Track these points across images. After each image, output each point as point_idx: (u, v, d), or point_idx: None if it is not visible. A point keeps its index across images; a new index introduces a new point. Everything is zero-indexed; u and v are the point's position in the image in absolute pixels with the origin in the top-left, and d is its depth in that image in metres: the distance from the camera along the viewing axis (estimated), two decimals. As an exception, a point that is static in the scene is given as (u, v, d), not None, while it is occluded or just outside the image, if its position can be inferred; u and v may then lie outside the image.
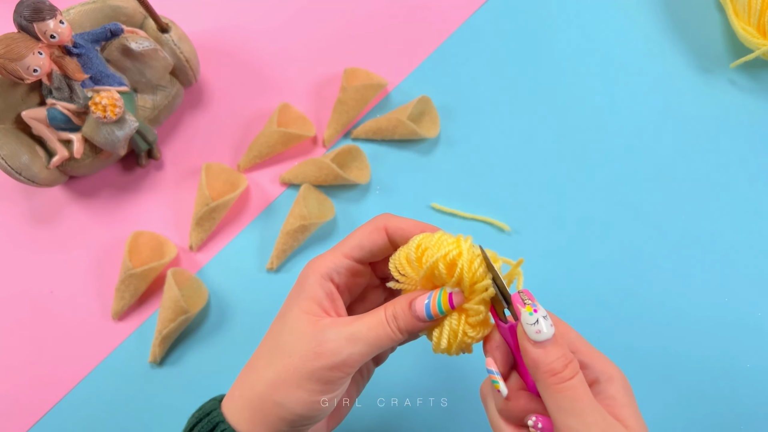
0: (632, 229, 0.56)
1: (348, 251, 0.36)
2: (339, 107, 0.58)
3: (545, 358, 0.31)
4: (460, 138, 0.59)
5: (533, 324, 0.31)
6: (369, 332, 0.33)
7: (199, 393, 0.52)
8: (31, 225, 0.57)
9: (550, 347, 0.31)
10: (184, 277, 0.54)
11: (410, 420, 0.51)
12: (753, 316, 0.53)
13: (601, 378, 0.34)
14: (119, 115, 0.50)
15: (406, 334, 0.34)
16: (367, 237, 0.36)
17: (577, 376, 0.31)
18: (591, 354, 0.34)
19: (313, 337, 0.33)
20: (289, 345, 0.34)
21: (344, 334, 0.33)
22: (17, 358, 0.53)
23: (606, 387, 0.33)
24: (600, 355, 0.35)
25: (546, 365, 0.31)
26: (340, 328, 0.33)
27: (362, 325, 0.33)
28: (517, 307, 0.32)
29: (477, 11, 0.63)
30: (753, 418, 0.51)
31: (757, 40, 0.57)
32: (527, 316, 0.31)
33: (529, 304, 0.32)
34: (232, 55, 0.62)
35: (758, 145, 0.58)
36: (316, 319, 0.34)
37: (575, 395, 0.30)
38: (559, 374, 0.31)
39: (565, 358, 0.31)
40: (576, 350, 0.34)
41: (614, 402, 0.33)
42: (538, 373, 0.31)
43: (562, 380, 0.30)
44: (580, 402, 0.30)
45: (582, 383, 0.31)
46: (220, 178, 0.56)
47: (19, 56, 0.46)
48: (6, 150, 0.50)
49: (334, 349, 0.33)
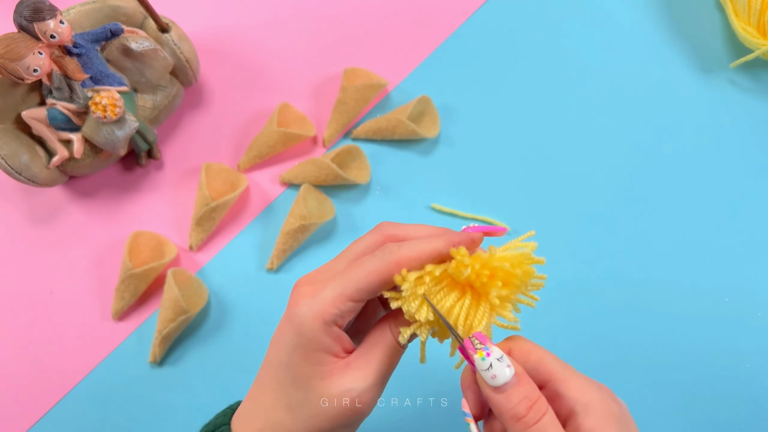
0: (632, 229, 0.56)
1: (354, 294, 0.32)
2: (339, 107, 0.58)
3: (507, 403, 0.29)
4: (460, 138, 0.59)
5: (487, 369, 0.29)
6: (390, 366, 0.33)
7: (199, 393, 0.52)
8: (31, 225, 0.57)
9: (511, 390, 0.29)
10: (184, 277, 0.54)
11: (410, 420, 0.51)
12: (753, 316, 0.53)
13: (577, 408, 0.30)
14: (119, 115, 0.50)
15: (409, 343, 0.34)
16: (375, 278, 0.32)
17: (544, 418, 0.29)
18: (567, 381, 0.31)
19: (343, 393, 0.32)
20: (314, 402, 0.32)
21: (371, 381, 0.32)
22: (17, 358, 0.53)
23: (583, 419, 0.29)
24: (579, 379, 0.31)
25: (508, 411, 0.29)
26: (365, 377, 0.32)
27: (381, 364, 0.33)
28: (469, 354, 0.30)
29: (477, 11, 0.63)
30: (753, 418, 0.51)
31: (757, 40, 0.57)
32: (480, 362, 0.30)
33: (481, 349, 0.30)
34: (232, 55, 0.62)
35: (759, 144, 0.58)
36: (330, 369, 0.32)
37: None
38: (523, 419, 0.29)
39: (528, 399, 0.29)
40: (550, 378, 0.31)
41: None
42: (503, 419, 0.29)
43: (527, 425, 0.29)
44: None
45: (551, 424, 0.29)
46: (220, 178, 0.56)
47: (19, 56, 0.46)
48: (6, 150, 0.50)
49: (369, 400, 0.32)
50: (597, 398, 0.30)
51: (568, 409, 0.30)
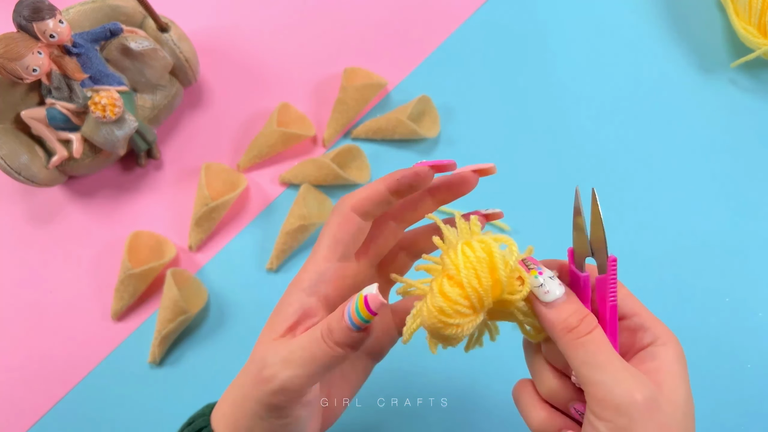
0: (632, 230, 0.56)
1: (327, 253, 0.33)
2: (339, 107, 0.58)
3: (558, 316, 0.30)
4: (460, 138, 0.59)
5: (540, 286, 0.31)
6: (303, 352, 0.30)
7: (198, 393, 0.52)
8: (31, 225, 0.57)
9: (562, 305, 0.31)
10: (184, 277, 0.54)
11: (410, 420, 0.51)
12: (754, 316, 0.53)
13: (659, 341, 0.32)
14: (119, 114, 0.50)
15: (346, 348, 0.30)
16: (339, 230, 0.33)
17: (595, 330, 0.30)
18: (650, 319, 0.33)
19: (259, 360, 0.31)
20: (246, 368, 0.33)
21: (280, 357, 0.31)
22: (17, 358, 0.53)
23: (659, 350, 0.31)
24: (660, 322, 0.33)
25: (561, 323, 0.30)
26: (279, 351, 0.31)
27: (297, 345, 0.31)
28: (522, 273, 0.31)
29: (477, 11, 0.63)
30: (753, 418, 0.50)
31: (757, 40, 0.57)
32: (533, 279, 0.31)
33: (533, 268, 0.32)
34: (232, 54, 0.62)
35: (759, 144, 0.58)
36: (271, 342, 0.32)
37: (596, 348, 0.29)
38: (575, 329, 0.30)
39: (579, 313, 0.30)
40: (635, 313, 0.33)
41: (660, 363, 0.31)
42: (555, 332, 0.31)
43: (579, 335, 0.30)
44: (602, 354, 0.29)
45: (602, 337, 0.30)
46: (220, 178, 0.56)
47: (18, 56, 0.46)
48: (5, 150, 0.50)
49: (271, 374, 0.30)
50: (674, 340, 0.32)
51: (649, 341, 0.32)
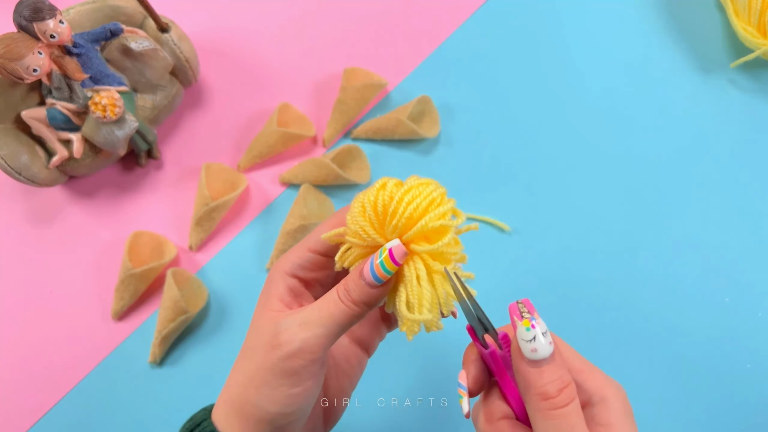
0: (632, 230, 0.56)
1: (312, 245, 0.34)
2: (339, 107, 0.58)
3: (539, 379, 0.28)
4: (460, 138, 0.59)
5: (530, 341, 0.28)
6: (321, 313, 0.32)
7: (199, 393, 0.52)
8: (31, 225, 0.57)
9: (546, 368, 0.28)
10: (184, 277, 0.54)
11: (410, 420, 0.51)
12: (753, 316, 0.53)
13: (594, 399, 0.30)
14: (119, 114, 0.50)
15: (362, 306, 0.32)
16: (330, 228, 0.34)
17: (572, 404, 0.28)
18: (585, 372, 0.31)
19: (270, 330, 0.32)
20: (252, 343, 0.33)
21: (297, 321, 0.32)
22: (17, 358, 0.53)
23: (600, 411, 0.30)
24: (596, 372, 0.31)
25: (539, 387, 0.28)
26: (294, 316, 0.32)
27: (314, 308, 0.32)
28: (513, 319, 0.29)
29: (477, 11, 0.63)
30: (753, 418, 0.51)
31: (757, 40, 0.57)
32: (524, 331, 0.28)
33: (527, 318, 0.29)
34: (232, 55, 0.62)
35: (758, 144, 0.58)
36: (276, 314, 0.33)
37: (567, 426, 0.28)
38: (551, 399, 0.28)
39: (561, 381, 0.28)
40: (569, 368, 0.31)
41: (610, 429, 0.29)
42: (529, 394, 0.28)
43: (554, 406, 0.28)
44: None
45: (576, 412, 0.28)
46: (220, 178, 0.56)
47: (18, 56, 0.46)
48: (6, 150, 0.50)
49: (288, 338, 0.31)
50: (615, 393, 0.30)
51: (585, 400, 0.30)
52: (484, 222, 0.56)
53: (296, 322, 0.32)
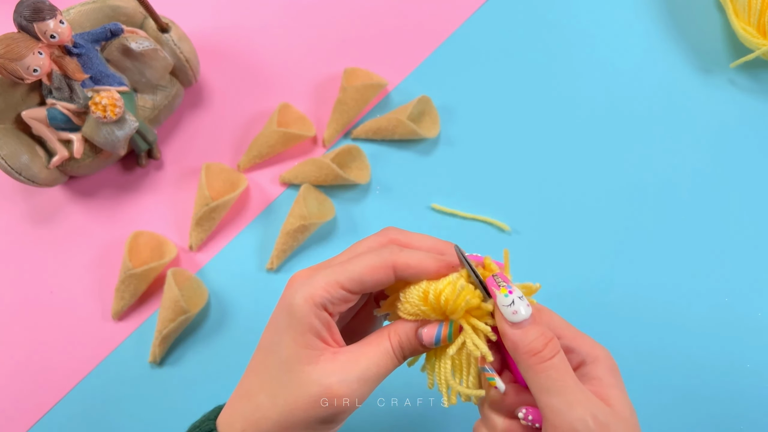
0: (633, 230, 0.56)
1: (346, 283, 0.32)
2: (339, 107, 0.58)
3: (524, 338, 0.31)
4: (460, 138, 0.59)
5: (509, 305, 0.31)
6: (379, 369, 0.32)
7: (199, 393, 0.52)
8: (31, 225, 0.57)
9: (528, 327, 0.31)
10: (184, 277, 0.54)
11: (410, 420, 0.51)
12: (753, 316, 0.53)
13: (587, 360, 0.33)
14: (119, 115, 0.50)
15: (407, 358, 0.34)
16: (371, 273, 0.32)
17: (557, 355, 0.31)
18: (576, 338, 0.34)
19: (320, 379, 0.31)
20: (293, 385, 0.32)
21: (354, 377, 0.32)
22: (17, 358, 0.53)
23: (591, 368, 0.33)
24: (585, 337, 0.34)
25: (525, 345, 0.31)
26: (348, 370, 0.32)
27: (370, 363, 0.32)
28: (492, 290, 0.32)
29: (477, 11, 0.63)
30: (753, 418, 0.51)
31: (757, 40, 0.57)
32: (502, 297, 0.31)
33: (504, 286, 0.31)
34: (232, 55, 0.62)
35: (758, 144, 0.58)
36: (317, 354, 0.32)
37: (557, 374, 0.30)
38: (539, 353, 0.30)
39: (544, 337, 0.31)
40: (560, 335, 0.34)
41: (600, 383, 0.32)
42: (518, 354, 0.31)
43: (543, 359, 0.30)
44: (561, 381, 0.30)
45: (563, 362, 0.31)
46: (220, 178, 0.56)
47: (19, 56, 0.46)
48: (6, 150, 0.50)
49: (345, 393, 0.31)
50: (603, 353, 0.33)
51: (577, 362, 0.33)
52: (484, 222, 0.56)
53: (354, 377, 0.32)
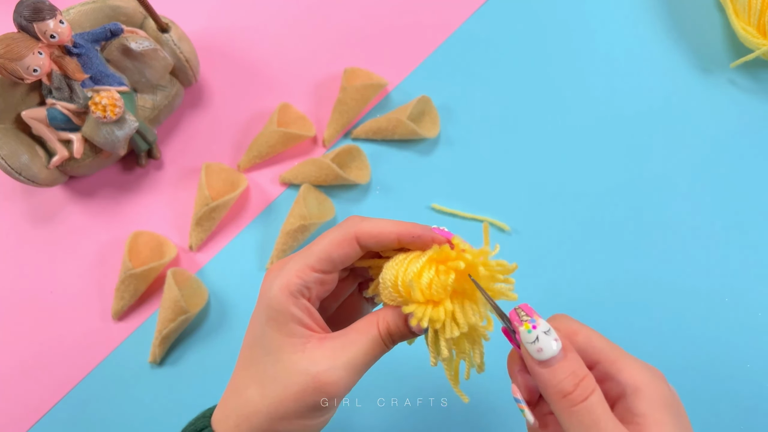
0: (632, 230, 0.56)
1: (316, 264, 0.32)
2: (339, 107, 0.58)
3: (552, 378, 0.28)
4: (460, 138, 0.59)
5: (533, 342, 0.28)
6: (367, 356, 0.32)
7: (199, 393, 0.52)
8: (31, 225, 0.57)
9: (557, 366, 0.28)
10: (184, 277, 0.54)
11: (410, 420, 0.51)
12: (753, 316, 0.53)
13: (628, 391, 0.29)
14: (119, 114, 0.50)
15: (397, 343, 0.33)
16: (336, 248, 0.32)
17: (592, 397, 0.27)
18: (616, 361, 0.30)
19: (308, 368, 0.31)
20: (281, 376, 0.32)
21: (341, 363, 0.31)
22: (17, 358, 0.53)
23: (633, 402, 0.29)
24: (628, 360, 0.30)
25: (554, 387, 0.28)
26: (335, 357, 0.31)
27: (358, 351, 0.32)
28: (515, 326, 0.29)
29: (477, 11, 0.63)
30: (753, 418, 0.51)
31: (757, 40, 0.57)
32: (526, 334, 0.29)
33: (527, 321, 0.29)
34: (232, 55, 0.62)
35: (758, 144, 0.58)
36: (303, 342, 0.32)
37: (591, 420, 0.27)
38: (569, 396, 0.28)
39: (575, 376, 0.28)
40: (598, 360, 0.30)
41: (644, 421, 0.28)
42: (548, 395, 0.28)
43: (573, 403, 0.27)
44: (596, 428, 0.27)
45: (599, 404, 0.27)
46: (220, 178, 0.56)
47: (19, 56, 0.46)
48: (6, 150, 0.50)
49: (334, 381, 0.31)
50: (649, 381, 0.29)
51: (619, 392, 0.29)
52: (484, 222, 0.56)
53: (341, 363, 0.31)
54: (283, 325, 0.32)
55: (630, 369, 0.29)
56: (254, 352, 0.33)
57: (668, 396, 0.29)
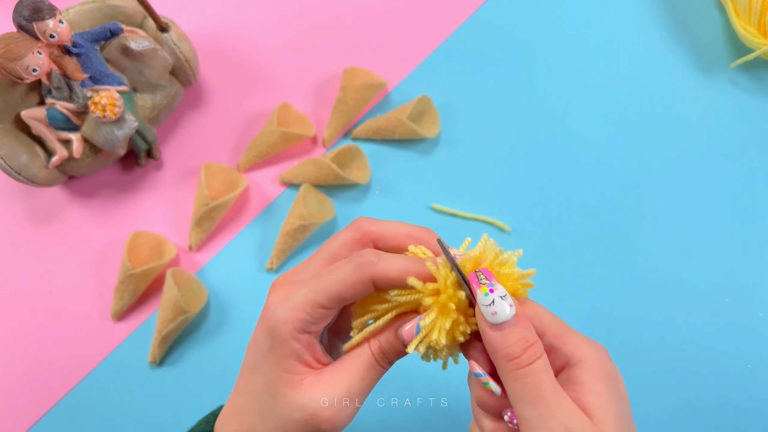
0: (632, 230, 0.56)
1: (326, 303, 0.31)
2: (339, 107, 0.58)
3: (502, 341, 0.28)
4: (460, 138, 0.59)
5: (489, 305, 0.29)
6: (363, 382, 0.31)
7: (198, 393, 0.52)
8: (31, 225, 0.57)
9: (509, 329, 0.28)
10: (184, 277, 0.54)
11: (410, 420, 0.51)
12: (753, 316, 0.53)
13: (571, 361, 0.30)
14: (119, 114, 0.50)
15: (393, 363, 0.33)
16: (349, 289, 0.31)
17: (538, 362, 0.28)
18: (561, 335, 0.31)
19: (306, 405, 0.31)
20: (280, 411, 0.31)
21: (338, 396, 0.31)
22: (17, 359, 0.53)
23: (575, 372, 0.29)
24: (573, 335, 0.31)
25: (503, 349, 0.28)
26: (331, 390, 0.31)
27: (353, 378, 0.31)
28: (473, 287, 0.29)
29: (477, 11, 0.63)
30: (753, 418, 0.51)
31: (757, 40, 0.57)
32: (482, 296, 0.29)
33: (485, 284, 0.29)
34: (231, 54, 0.62)
35: (759, 144, 0.58)
36: (299, 379, 0.31)
37: (533, 382, 0.28)
38: (516, 359, 0.28)
39: (525, 341, 0.28)
40: (544, 332, 0.31)
41: (582, 389, 0.29)
42: (496, 358, 0.29)
43: (520, 366, 0.28)
44: (538, 390, 0.28)
45: (544, 369, 0.28)
46: (220, 178, 0.56)
47: (18, 56, 0.46)
48: (5, 150, 0.50)
49: (332, 416, 0.31)
50: (592, 354, 0.30)
51: (562, 363, 0.30)
52: (484, 222, 0.56)
53: (338, 396, 0.31)
54: (282, 359, 0.31)
55: (574, 342, 0.30)
56: (254, 379, 0.33)
57: (609, 369, 0.30)
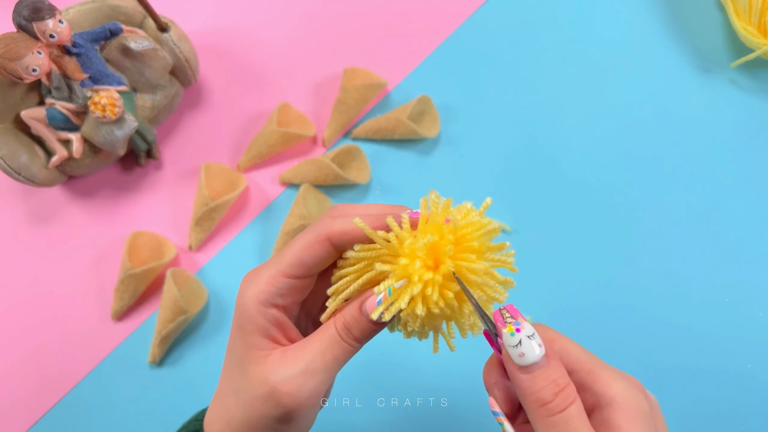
0: (632, 230, 0.56)
1: (288, 270, 0.31)
2: (339, 107, 0.58)
3: (532, 385, 0.27)
4: (460, 138, 0.59)
5: (516, 346, 0.27)
6: (324, 357, 0.30)
7: (198, 393, 0.52)
8: (31, 225, 0.57)
9: (538, 372, 0.27)
10: (184, 277, 0.54)
11: (410, 420, 0.51)
12: (753, 316, 0.53)
13: (602, 401, 0.28)
14: (118, 114, 0.50)
15: (363, 341, 0.31)
16: (308, 252, 0.30)
17: (571, 407, 0.26)
18: (593, 372, 0.29)
19: (266, 379, 0.30)
20: (247, 387, 0.31)
21: (298, 370, 0.30)
22: (17, 359, 0.53)
23: (608, 414, 0.27)
24: (606, 371, 0.29)
25: (533, 394, 0.27)
26: (292, 364, 0.30)
27: (315, 353, 0.30)
28: (498, 327, 0.28)
29: (477, 11, 0.63)
30: (754, 418, 0.50)
31: (757, 40, 0.57)
32: (509, 337, 0.27)
33: (511, 323, 0.27)
34: (231, 54, 0.62)
35: (759, 145, 0.58)
36: (264, 355, 0.31)
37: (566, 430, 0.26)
38: (547, 405, 0.26)
39: (556, 385, 0.27)
40: (573, 369, 0.29)
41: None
42: (525, 402, 0.27)
43: (551, 413, 0.26)
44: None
45: (578, 416, 0.26)
46: (220, 178, 0.56)
47: (18, 56, 0.46)
48: (5, 150, 0.50)
49: (291, 390, 0.30)
50: (624, 392, 0.28)
51: (593, 403, 0.28)
52: (484, 222, 0.56)
53: (298, 371, 0.30)
54: (248, 335, 0.31)
55: (606, 380, 0.28)
56: (229, 360, 0.33)
57: (645, 408, 0.28)
